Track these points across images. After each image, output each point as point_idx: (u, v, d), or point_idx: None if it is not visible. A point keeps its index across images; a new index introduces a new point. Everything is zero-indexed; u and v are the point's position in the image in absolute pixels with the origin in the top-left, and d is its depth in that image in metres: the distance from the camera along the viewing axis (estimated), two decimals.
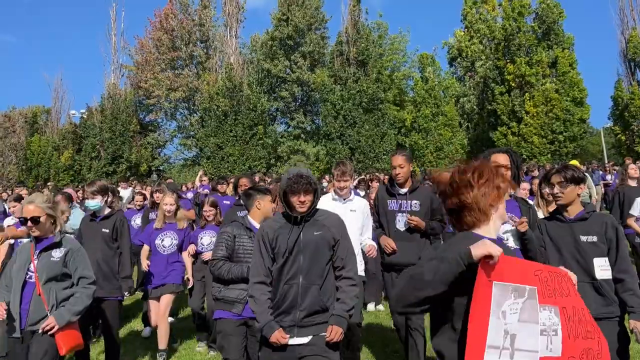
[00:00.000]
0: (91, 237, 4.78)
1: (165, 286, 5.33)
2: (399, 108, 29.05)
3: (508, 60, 24.00)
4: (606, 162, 19.06)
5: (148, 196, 8.24)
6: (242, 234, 3.94)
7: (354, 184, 12.70)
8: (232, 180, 8.73)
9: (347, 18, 26.37)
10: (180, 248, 5.55)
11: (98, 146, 27.56)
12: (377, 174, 12.65)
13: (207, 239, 5.68)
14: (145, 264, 5.38)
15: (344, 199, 4.52)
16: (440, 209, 4.36)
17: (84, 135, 28.49)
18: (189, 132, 32.99)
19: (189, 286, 5.79)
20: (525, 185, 6.63)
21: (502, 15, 25.57)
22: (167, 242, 5.47)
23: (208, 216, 5.79)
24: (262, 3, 64.55)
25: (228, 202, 7.27)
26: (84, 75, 65.03)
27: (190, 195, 11.65)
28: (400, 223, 4.57)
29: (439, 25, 74.73)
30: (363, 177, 12.55)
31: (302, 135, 31.89)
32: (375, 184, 9.89)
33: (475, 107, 28.32)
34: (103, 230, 4.81)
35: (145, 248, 5.53)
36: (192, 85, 31.61)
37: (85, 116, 29.90)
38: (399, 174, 4.57)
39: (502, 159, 3.31)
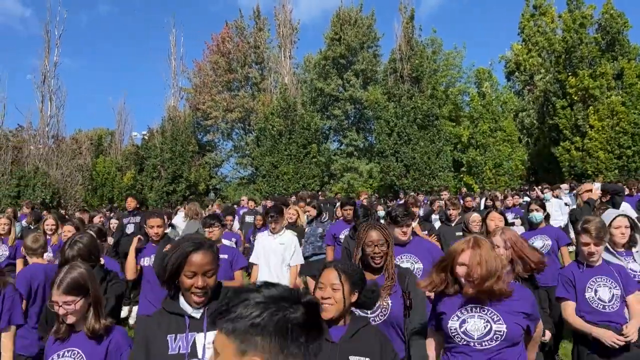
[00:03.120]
0: None
1: None
2: (454, 124, 28.56)
3: (570, 73, 23.15)
4: None
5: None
6: None
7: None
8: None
9: (400, 35, 26.28)
10: None
11: (159, 166, 28.51)
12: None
13: None
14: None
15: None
16: None
17: (146, 156, 29.58)
18: (244, 151, 33.71)
19: None
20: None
21: (562, 27, 24.76)
22: None
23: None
24: (316, 20, 65.50)
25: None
26: (145, 98, 67.93)
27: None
28: None
29: (495, 39, 73.18)
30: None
31: (355, 152, 31.88)
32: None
33: (535, 121, 27.42)
34: None
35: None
36: (247, 105, 32.37)
37: (146, 137, 31.08)
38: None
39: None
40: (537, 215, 5.47)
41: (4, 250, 6.06)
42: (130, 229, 8.00)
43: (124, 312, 6.14)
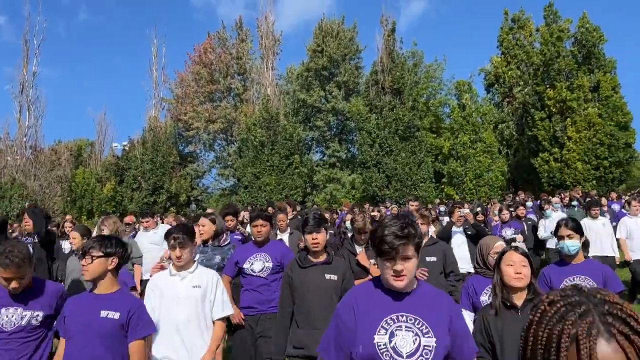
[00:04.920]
0: None
1: None
2: (435, 135, 28.81)
3: (548, 86, 23.57)
4: None
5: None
6: None
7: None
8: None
9: (382, 47, 26.53)
10: None
11: (139, 177, 28.23)
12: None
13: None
14: None
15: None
16: None
17: (126, 167, 29.28)
18: (226, 162, 33.58)
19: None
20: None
21: (540, 40, 25.24)
22: None
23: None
24: (298, 29, 65.83)
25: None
26: (126, 109, 67.31)
27: None
28: None
29: (475, 52, 74.46)
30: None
31: (338, 163, 31.95)
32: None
33: (514, 133, 27.81)
34: None
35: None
36: (229, 116, 32.31)
37: (127, 148, 30.79)
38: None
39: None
40: (571, 245, 3.72)
41: None
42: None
43: None
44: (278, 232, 7.46)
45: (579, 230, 3.73)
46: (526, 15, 29.57)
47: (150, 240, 7.89)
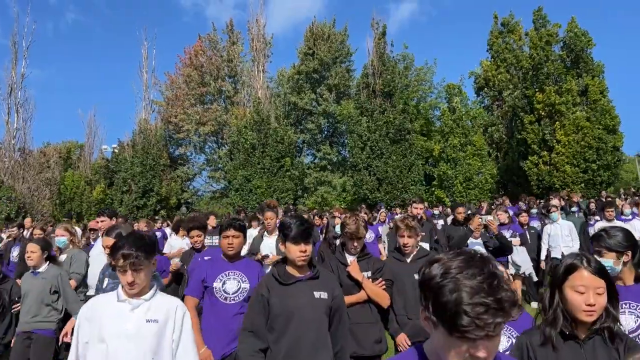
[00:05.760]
0: None
1: None
2: (426, 138, 28.94)
3: (537, 89, 23.76)
4: None
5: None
6: None
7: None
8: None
9: (373, 51, 26.61)
10: None
11: (129, 180, 28.07)
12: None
13: None
14: None
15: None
16: None
17: (116, 169, 29.11)
18: (217, 165, 33.52)
19: None
20: None
21: (529, 44, 25.46)
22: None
23: None
24: (287, 32, 65.92)
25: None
26: (116, 111, 66.98)
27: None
28: None
29: (465, 55, 75.00)
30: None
31: (329, 166, 32.00)
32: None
33: (504, 136, 28.00)
34: None
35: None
36: (220, 119, 32.26)
37: (117, 151, 30.61)
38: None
39: None
40: (605, 264, 2.42)
41: None
42: None
43: None
44: (265, 233, 6.57)
45: (616, 247, 2.75)
46: (516, 19, 29.85)
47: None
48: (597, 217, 9.80)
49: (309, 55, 31.15)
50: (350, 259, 3.85)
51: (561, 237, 8.70)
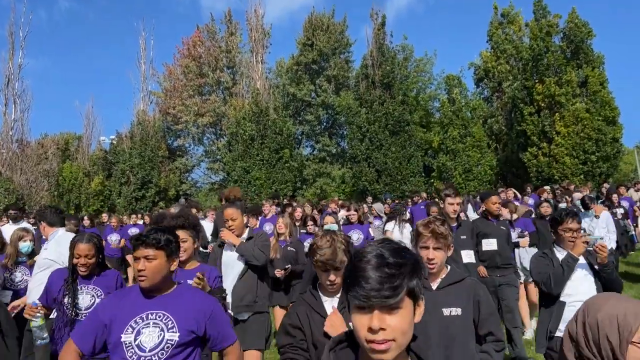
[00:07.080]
0: None
1: None
2: (425, 130, 28.87)
3: (537, 81, 23.66)
4: None
5: None
6: None
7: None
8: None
9: (372, 41, 26.46)
10: None
11: (127, 172, 27.98)
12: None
13: None
14: None
15: None
16: None
17: (114, 161, 29.02)
18: (216, 156, 33.43)
19: None
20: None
21: (529, 35, 25.31)
22: None
23: None
24: (284, 22, 65.57)
25: None
26: (114, 102, 66.67)
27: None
28: None
29: (465, 46, 74.76)
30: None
31: (328, 158, 31.93)
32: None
33: (503, 127, 27.91)
34: None
35: None
36: (219, 110, 32.13)
37: (115, 142, 30.50)
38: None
39: None
40: None
41: None
42: None
43: None
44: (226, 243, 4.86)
45: None
46: (515, 10, 29.67)
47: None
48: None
49: (307, 46, 30.97)
50: (328, 305, 2.46)
51: (597, 229, 8.21)
